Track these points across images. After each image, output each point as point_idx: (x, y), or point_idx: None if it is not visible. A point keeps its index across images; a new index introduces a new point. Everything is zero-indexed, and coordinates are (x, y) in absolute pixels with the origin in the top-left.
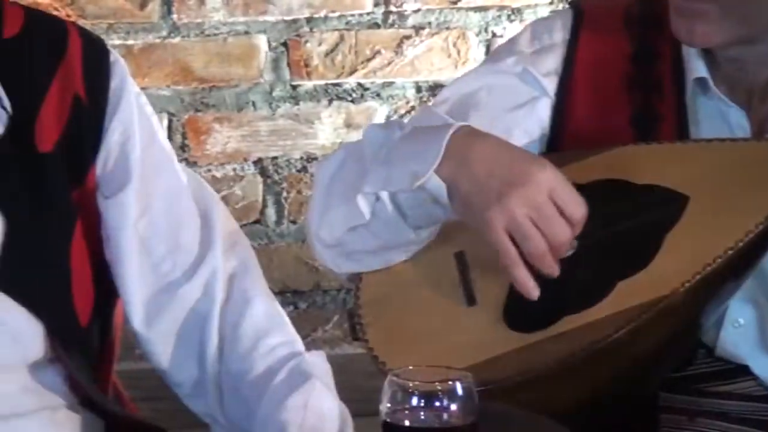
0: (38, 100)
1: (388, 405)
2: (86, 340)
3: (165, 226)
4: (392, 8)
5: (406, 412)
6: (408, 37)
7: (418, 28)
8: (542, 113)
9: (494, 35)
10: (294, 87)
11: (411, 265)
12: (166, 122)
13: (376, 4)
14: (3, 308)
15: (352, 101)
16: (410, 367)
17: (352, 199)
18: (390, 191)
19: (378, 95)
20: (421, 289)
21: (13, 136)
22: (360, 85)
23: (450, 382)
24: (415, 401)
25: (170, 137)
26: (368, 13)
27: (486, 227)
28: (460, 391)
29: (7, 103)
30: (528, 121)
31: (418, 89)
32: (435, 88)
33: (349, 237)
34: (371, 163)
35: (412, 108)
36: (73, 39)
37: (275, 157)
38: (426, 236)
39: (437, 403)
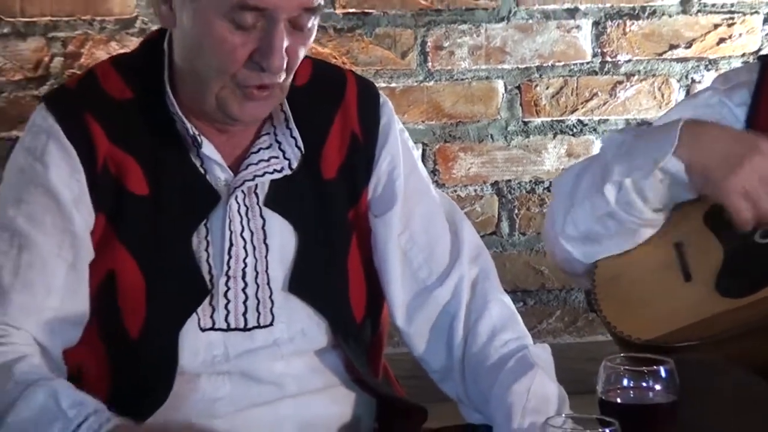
0: (323, 137)
1: (603, 385)
2: (360, 333)
3: (423, 239)
4: (608, 58)
5: (618, 391)
6: (620, 82)
7: (629, 75)
8: None
9: (693, 81)
10: (525, 123)
11: (636, 253)
12: (420, 151)
13: (594, 55)
14: (294, 308)
15: (573, 135)
16: (621, 355)
17: (598, 191)
18: (634, 179)
19: (594, 130)
20: (645, 270)
21: (305, 167)
22: (580, 121)
23: (655, 366)
24: (625, 382)
25: (424, 164)
26: (588, 63)
27: (725, 193)
28: (663, 374)
29: (301, 143)
30: None
31: (628, 125)
32: (642, 125)
33: (595, 227)
34: (613, 159)
35: None
36: (350, 85)
37: (509, 180)
38: (664, 217)
39: (644, 384)
